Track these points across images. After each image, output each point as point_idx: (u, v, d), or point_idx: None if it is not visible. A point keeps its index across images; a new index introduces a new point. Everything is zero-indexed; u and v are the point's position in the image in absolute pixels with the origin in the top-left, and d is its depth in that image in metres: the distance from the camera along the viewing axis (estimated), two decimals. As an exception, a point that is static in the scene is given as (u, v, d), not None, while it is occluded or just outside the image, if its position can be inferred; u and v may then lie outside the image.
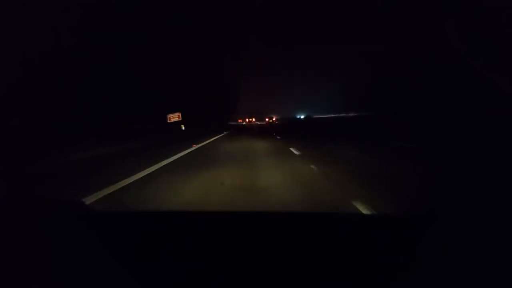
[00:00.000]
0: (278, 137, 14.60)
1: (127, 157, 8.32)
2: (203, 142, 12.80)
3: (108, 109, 13.08)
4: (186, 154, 8.48)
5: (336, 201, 3.33)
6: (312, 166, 5.44)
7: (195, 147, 10.51)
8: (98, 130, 11.86)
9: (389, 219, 1.40)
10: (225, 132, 23.02)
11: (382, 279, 0.80)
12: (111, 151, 9.68)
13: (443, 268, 0.80)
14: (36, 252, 0.93)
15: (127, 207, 3.29)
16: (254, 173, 5.02)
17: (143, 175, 5.15)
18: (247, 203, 3.35)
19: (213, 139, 14.95)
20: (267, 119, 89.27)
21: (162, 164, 6.37)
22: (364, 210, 2.85)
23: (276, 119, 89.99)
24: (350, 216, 1.54)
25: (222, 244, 1.01)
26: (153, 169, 5.73)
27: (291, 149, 8.48)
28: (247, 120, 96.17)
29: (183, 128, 20.32)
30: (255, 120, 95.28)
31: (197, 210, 3.00)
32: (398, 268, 0.83)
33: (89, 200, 3.55)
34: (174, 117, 18.85)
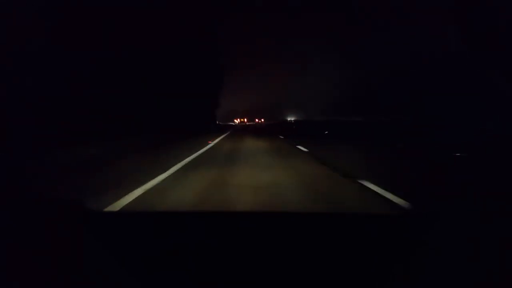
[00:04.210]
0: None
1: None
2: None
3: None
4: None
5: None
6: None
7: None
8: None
9: (389, 219, 1.40)
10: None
11: (382, 279, 0.80)
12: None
13: (443, 268, 0.80)
14: (36, 252, 0.93)
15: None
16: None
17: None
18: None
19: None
20: (256, 120, 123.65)
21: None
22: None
23: (263, 120, 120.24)
24: (350, 216, 1.54)
25: (223, 244, 1.01)
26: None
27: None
28: (238, 120, 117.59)
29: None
30: (247, 121, 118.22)
31: (198, 210, 3.00)
32: (398, 268, 0.84)
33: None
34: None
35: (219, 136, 16.10)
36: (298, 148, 9.34)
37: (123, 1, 15.27)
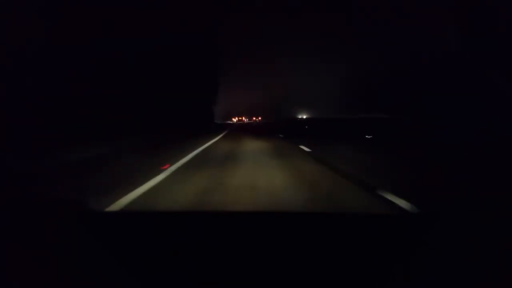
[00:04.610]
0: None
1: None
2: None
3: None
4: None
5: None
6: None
7: None
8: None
9: (389, 219, 1.41)
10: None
11: (382, 279, 0.80)
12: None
13: (443, 268, 0.80)
14: (36, 252, 0.93)
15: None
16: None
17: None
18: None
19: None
20: (254, 118, 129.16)
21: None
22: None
23: (260, 118, 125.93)
24: (350, 216, 1.54)
25: (223, 244, 1.01)
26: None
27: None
28: (236, 119, 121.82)
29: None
30: (245, 120, 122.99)
31: (198, 210, 3.00)
32: (398, 268, 0.84)
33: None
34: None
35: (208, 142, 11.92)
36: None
37: (123, 1, 15.27)
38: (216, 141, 12.53)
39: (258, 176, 4.61)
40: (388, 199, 3.14)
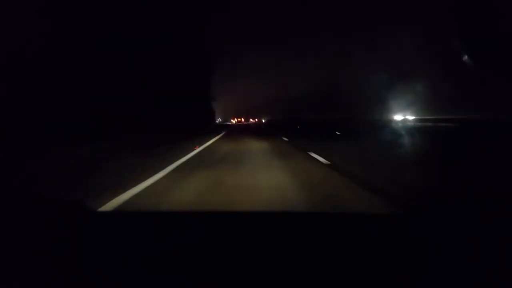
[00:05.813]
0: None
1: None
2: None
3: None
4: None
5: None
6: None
7: None
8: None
9: (389, 219, 1.41)
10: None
11: (382, 279, 0.80)
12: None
13: (443, 268, 0.80)
14: (36, 252, 0.93)
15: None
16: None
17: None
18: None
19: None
20: (251, 120, 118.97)
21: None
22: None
23: (257, 120, 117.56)
24: (350, 216, 1.54)
25: (223, 244, 1.01)
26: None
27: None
28: (235, 120, 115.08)
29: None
30: (244, 121, 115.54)
31: (198, 210, 3.00)
32: (398, 268, 0.84)
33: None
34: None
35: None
36: None
37: (123, 1, 15.26)
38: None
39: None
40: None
